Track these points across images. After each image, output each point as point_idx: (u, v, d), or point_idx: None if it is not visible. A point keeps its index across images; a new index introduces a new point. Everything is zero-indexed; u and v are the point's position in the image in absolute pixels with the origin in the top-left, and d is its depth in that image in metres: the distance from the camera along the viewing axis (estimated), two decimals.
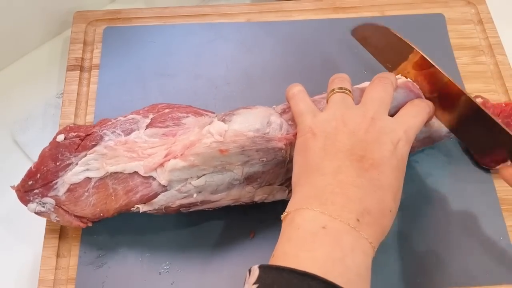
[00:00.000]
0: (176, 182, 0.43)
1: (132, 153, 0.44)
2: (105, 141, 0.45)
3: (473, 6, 0.64)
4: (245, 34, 0.62)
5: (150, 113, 0.46)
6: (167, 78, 0.58)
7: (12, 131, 0.58)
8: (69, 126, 0.46)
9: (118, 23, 0.63)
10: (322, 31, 0.62)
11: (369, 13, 0.64)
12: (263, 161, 0.43)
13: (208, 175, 0.43)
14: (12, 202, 0.46)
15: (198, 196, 0.44)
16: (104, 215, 0.45)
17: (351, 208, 0.36)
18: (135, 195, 0.43)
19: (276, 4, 0.65)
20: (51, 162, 0.44)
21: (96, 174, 0.44)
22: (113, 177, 0.44)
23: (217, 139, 0.42)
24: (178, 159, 0.42)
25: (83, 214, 0.45)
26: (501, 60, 0.60)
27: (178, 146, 0.43)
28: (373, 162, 0.38)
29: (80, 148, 0.45)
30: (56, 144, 0.45)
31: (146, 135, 0.44)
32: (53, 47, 0.65)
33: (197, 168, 0.43)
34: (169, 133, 0.45)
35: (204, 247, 0.48)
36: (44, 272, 0.47)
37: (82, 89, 0.58)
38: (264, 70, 0.59)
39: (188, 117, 0.46)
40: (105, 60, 0.59)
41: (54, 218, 0.45)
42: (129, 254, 0.47)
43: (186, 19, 0.63)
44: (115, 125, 0.45)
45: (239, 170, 0.44)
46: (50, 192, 0.44)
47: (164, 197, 0.44)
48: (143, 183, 0.43)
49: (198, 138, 0.43)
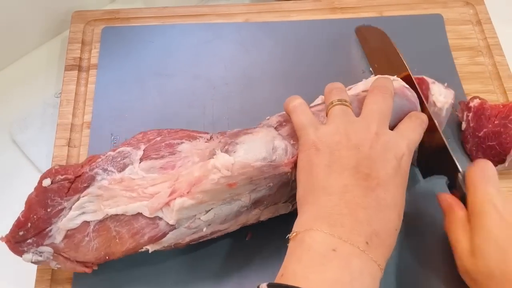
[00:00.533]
0: (184, 220, 0.41)
1: (132, 193, 0.41)
2: (97, 181, 0.42)
3: (472, 6, 0.64)
4: (243, 34, 0.62)
5: (141, 143, 0.44)
6: (165, 78, 0.58)
7: (10, 130, 0.58)
8: (54, 169, 0.42)
9: (117, 23, 0.63)
10: (321, 32, 0.62)
11: (367, 14, 0.64)
12: (270, 186, 0.43)
13: (217, 208, 0.42)
14: (11, 201, 0.46)
15: (207, 229, 0.43)
16: (110, 258, 0.42)
17: (360, 231, 0.36)
18: (142, 237, 0.41)
19: (275, 5, 0.65)
20: (40, 209, 0.41)
21: (94, 217, 0.41)
22: (114, 219, 0.41)
23: (225, 174, 0.40)
24: (185, 197, 0.40)
25: (86, 260, 0.42)
26: (500, 61, 0.60)
27: (183, 184, 0.41)
28: (379, 181, 0.38)
29: (71, 191, 0.42)
30: (43, 189, 0.41)
31: (142, 170, 0.42)
32: (52, 47, 0.65)
33: (205, 204, 0.41)
34: (167, 166, 0.42)
35: (202, 247, 0.48)
36: (41, 272, 0.46)
37: (80, 88, 0.58)
38: (263, 70, 0.59)
39: (182, 143, 0.43)
40: (103, 60, 0.59)
41: (55, 266, 0.43)
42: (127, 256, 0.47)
43: (185, 19, 0.63)
44: (105, 162, 0.43)
45: (247, 198, 0.43)
46: (45, 241, 0.41)
47: (173, 236, 0.42)
48: (150, 224, 0.41)
49: (203, 173, 0.41)
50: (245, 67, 0.59)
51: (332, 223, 0.36)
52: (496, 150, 0.50)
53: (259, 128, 0.44)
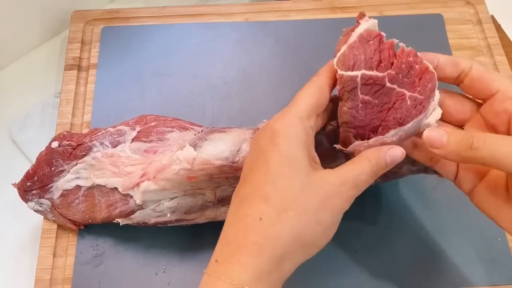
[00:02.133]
0: (150, 202, 0.44)
1: (115, 168, 0.45)
2: (93, 152, 0.46)
3: (472, 6, 0.64)
4: (243, 34, 0.62)
5: (138, 125, 0.47)
6: (165, 78, 0.58)
7: (10, 130, 0.58)
8: (63, 134, 0.48)
9: (116, 23, 0.62)
10: (320, 31, 0.62)
11: (367, 13, 0.63)
12: (235, 186, 0.42)
13: (180, 198, 0.44)
14: (10, 201, 0.46)
15: (172, 216, 0.45)
16: (92, 222, 0.47)
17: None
18: (114, 210, 0.45)
19: (274, 4, 0.65)
20: (46, 167, 0.47)
21: (85, 183, 0.46)
22: (98, 189, 0.46)
23: (185, 167, 0.42)
24: (150, 182, 0.43)
25: (74, 219, 0.47)
26: (500, 61, 0.60)
27: (153, 169, 0.44)
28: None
29: (71, 156, 0.47)
30: (51, 150, 0.47)
31: (130, 150, 0.46)
32: (52, 46, 0.65)
33: (168, 191, 0.44)
34: (150, 150, 0.46)
35: (201, 247, 0.48)
36: (41, 272, 0.47)
37: (79, 88, 0.58)
38: (262, 70, 0.59)
39: (172, 132, 0.46)
40: (102, 60, 0.59)
41: (51, 218, 0.48)
42: (126, 254, 0.47)
43: (184, 19, 0.63)
44: (104, 136, 0.47)
45: (211, 194, 0.44)
46: (46, 195, 0.47)
47: (140, 215, 0.45)
48: (122, 200, 0.45)
49: (168, 163, 0.43)
50: (245, 66, 0.59)
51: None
52: None
53: (235, 129, 0.45)
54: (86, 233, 0.48)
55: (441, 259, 0.47)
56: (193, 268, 0.47)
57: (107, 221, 0.46)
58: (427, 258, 0.47)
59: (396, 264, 0.47)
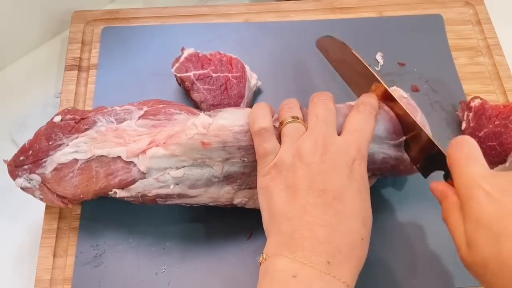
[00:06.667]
0: (155, 171, 0.44)
1: (119, 139, 0.45)
2: (97, 126, 0.46)
3: (472, 6, 0.64)
4: (243, 35, 0.62)
5: (145, 106, 0.47)
6: (165, 78, 0.58)
7: (10, 130, 0.58)
8: (67, 109, 0.47)
9: (116, 23, 0.63)
10: (320, 32, 0.61)
11: (367, 14, 0.64)
12: (244, 161, 0.44)
13: (187, 168, 0.44)
14: (10, 199, 0.46)
15: (175, 188, 0.44)
16: (83, 197, 0.46)
17: (321, 251, 0.35)
18: (114, 179, 0.44)
19: (274, 5, 0.65)
20: (44, 141, 0.46)
21: (84, 156, 0.45)
22: (97, 160, 0.45)
23: (200, 131, 0.43)
24: (160, 147, 0.43)
25: (64, 194, 0.46)
26: (499, 61, 0.60)
27: (163, 135, 0.44)
28: (334, 194, 0.37)
29: (73, 130, 0.46)
30: (52, 124, 0.46)
31: (136, 125, 0.46)
32: (52, 47, 0.65)
33: (177, 158, 0.43)
34: (159, 125, 0.45)
35: (201, 248, 0.48)
36: (41, 272, 0.47)
37: (79, 88, 0.58)
38: (262, 70, 0.59)
39: (181, 114, 0.46)
40: (103, 60, 0.59)
41: (38, 196, 0.46)
42: (126, 254, 0.47)
43: (184, 19, 0.63)
44: (109, 113, 0.47)
45: (219, 167, 0.44)
46: (38, 170, 0.45)
47: (141, 184, 0.44)
48: (124, 168, 0.44)
49: (182, 129, 0.44)
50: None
51: (293, 248, 0.36)
52: (497, 151, 0.50)
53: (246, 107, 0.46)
54: (86, 233, 0.48)
55: (441, 259, 0.47)
56: (193, 268, 0.47)
57: (102, 194, 0.45)
58: (427, 258, 0.48)
59: (396, 264, 0.47)
